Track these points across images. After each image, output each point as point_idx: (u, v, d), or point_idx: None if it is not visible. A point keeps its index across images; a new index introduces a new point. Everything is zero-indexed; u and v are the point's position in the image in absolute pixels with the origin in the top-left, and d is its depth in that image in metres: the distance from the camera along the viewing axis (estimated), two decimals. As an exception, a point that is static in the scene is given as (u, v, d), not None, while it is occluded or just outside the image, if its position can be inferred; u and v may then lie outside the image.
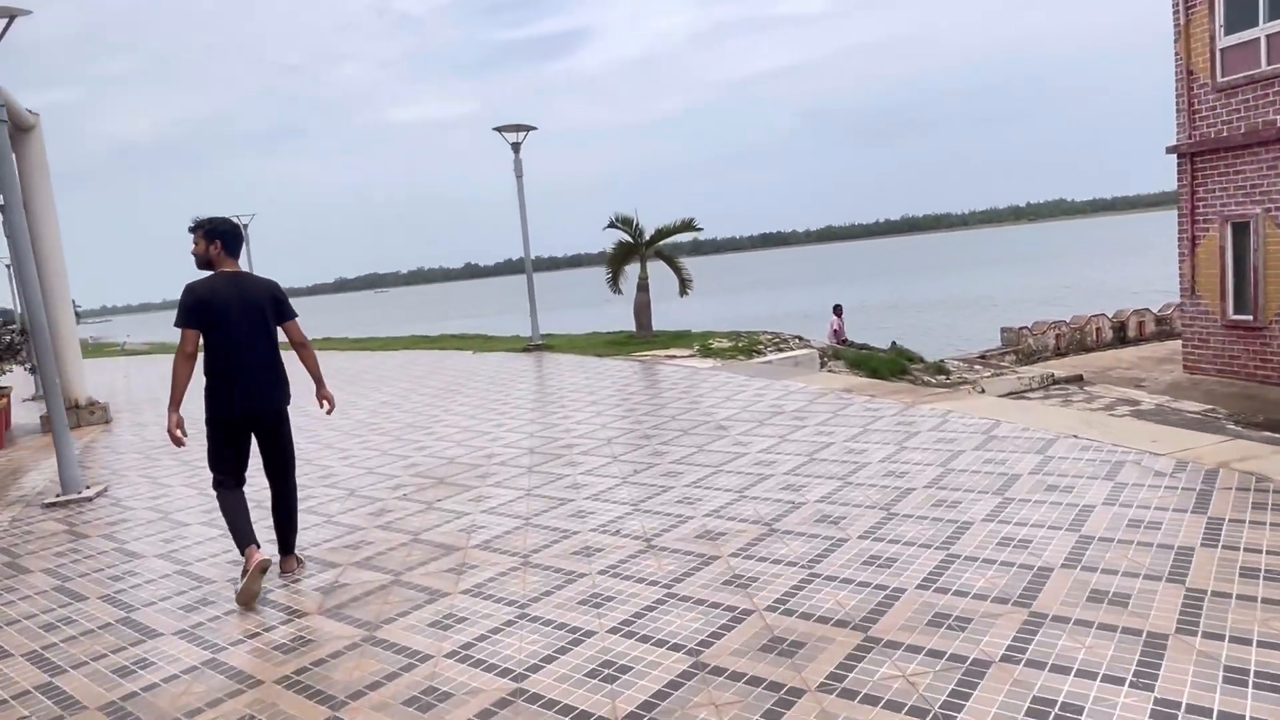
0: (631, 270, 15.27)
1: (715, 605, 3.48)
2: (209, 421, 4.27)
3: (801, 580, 3.65)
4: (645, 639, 3.24)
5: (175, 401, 4.18)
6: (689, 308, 17.87)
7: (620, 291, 15.15)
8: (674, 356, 12.34)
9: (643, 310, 14.83)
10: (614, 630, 3.35)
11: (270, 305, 4.36)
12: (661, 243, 15.13)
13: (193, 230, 4.35)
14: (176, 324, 4.21)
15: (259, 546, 4.16)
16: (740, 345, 13.18)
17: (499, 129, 14.59)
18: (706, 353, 12.59)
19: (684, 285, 15.05)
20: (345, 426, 8.96)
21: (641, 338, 14.64)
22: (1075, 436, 5.57)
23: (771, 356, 11.88)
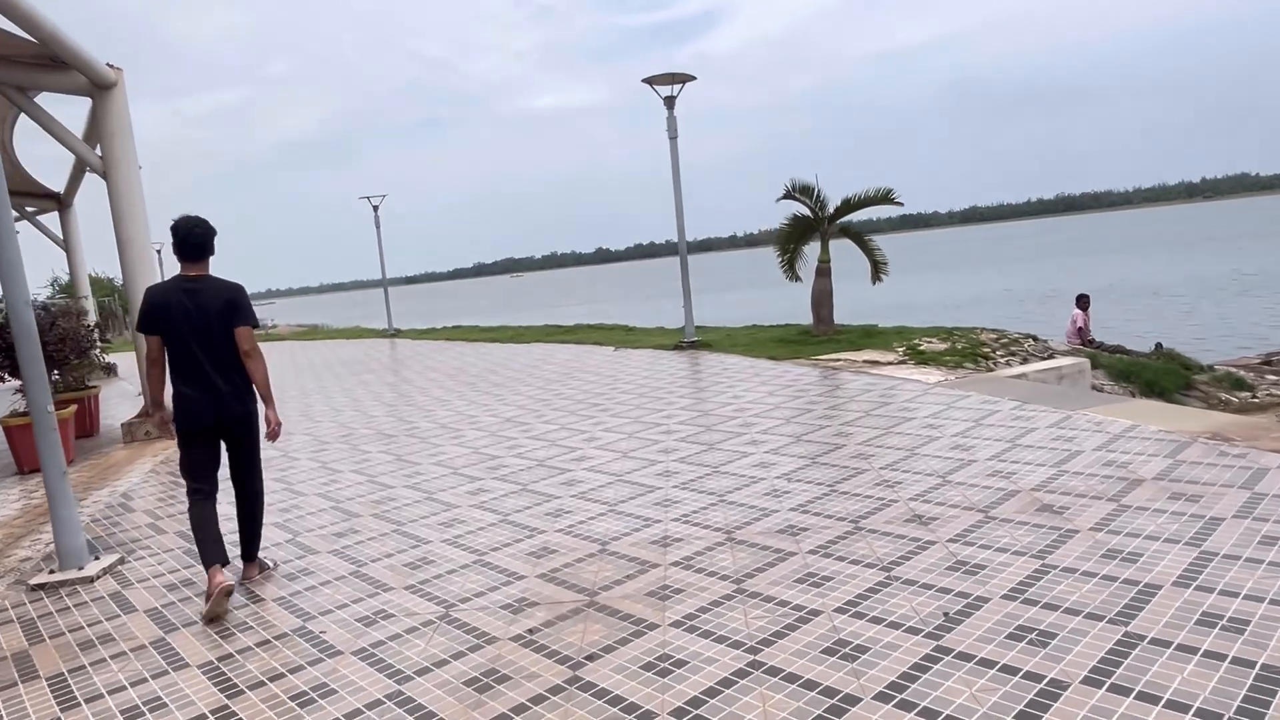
0: (809, 250, 12.43)
1: None
2: (176, 429, 4.13)
3: None
4: None
5: (156, 401, 4.18)
6: (842, 294, 14.80)
7: (799, 278, 12.33)
8: (876, 363, 9.48)
9: (823, 300, 11.98)
10: None
11: (223, 310, 4.07)
12: (848, 217, 12.20)
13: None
14: (137, 329, 4.25)
15: (225, 565, 4.04)
16: (960, 349, 10.14)
17: (649, 80, 12.07)
18: (918, 358, 9.65)
19: (877, 269, 12.07)
20: (458, 461, 6.68)
21: (821, 334, 11.82)
22: None
23: (1023, 368, 8.80)
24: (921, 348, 10.24)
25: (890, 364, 9.40)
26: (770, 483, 5.14)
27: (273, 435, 4.16)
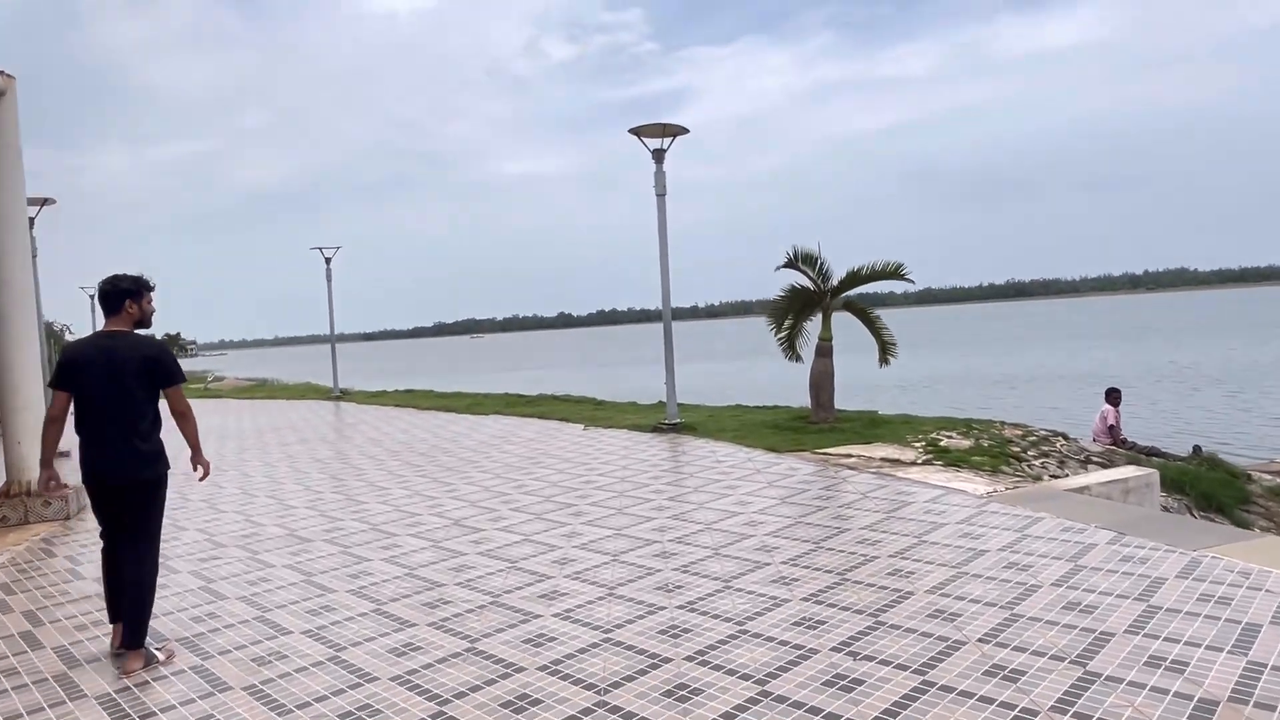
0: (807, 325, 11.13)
1: None
2: (85, 486, 4.00)
3: None
4: None
5: (44, 460, 4.02)
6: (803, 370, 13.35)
7: (800, 358, 10.99)
8: (897, 463, 8.07)
9: (824, 382, 10.62)
10: None
11: (140, 369, 3.90)
12: (853, 291, 10.96)
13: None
14: (49, 384, 4.09)
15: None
16: (987, 448, 8.80)
17: (636, 131, 10.86)
18: (943, 458, 8.27)
19: (885, 349, 10.80)
20: (386, 589, 5.02)
21: (822, 422, 10.42)
22: None
23: (1084, 479, 7.43)
24: (943, 444, 8.88)
25: (914, 464, 7.99)
26: (827, 657, 3.61)
27: (205, 474, 4.24)
